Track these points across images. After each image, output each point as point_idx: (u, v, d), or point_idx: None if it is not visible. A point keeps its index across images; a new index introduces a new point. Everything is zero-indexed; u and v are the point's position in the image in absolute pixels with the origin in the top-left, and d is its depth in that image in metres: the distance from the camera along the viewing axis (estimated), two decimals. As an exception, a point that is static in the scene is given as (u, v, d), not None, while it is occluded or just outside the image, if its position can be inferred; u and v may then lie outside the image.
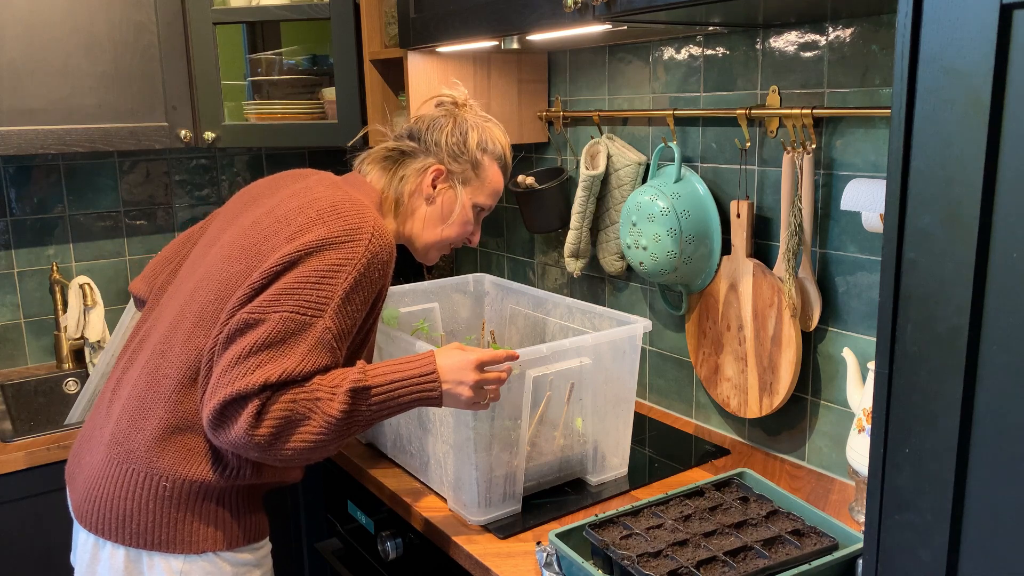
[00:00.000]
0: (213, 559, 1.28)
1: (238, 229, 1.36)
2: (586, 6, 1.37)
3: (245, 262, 1.27)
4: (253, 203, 1.43)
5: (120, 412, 1.30)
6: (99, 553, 1.29)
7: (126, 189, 2.42)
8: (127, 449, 1.26)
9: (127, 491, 1.25)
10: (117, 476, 1.26)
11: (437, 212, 1.45)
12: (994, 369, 0.64)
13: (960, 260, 0.65)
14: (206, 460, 1.26)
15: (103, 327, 2.24)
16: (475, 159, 1.45)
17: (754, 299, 1.61)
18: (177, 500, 1.25)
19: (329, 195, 1.31)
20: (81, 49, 2.01)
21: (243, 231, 1.33)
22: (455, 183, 1.45)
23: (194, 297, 1.31)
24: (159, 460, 1.25)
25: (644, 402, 2.01)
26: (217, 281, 1.29)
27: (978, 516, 0.67)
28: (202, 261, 1.39)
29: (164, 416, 1.25)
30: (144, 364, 1.31)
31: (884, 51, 1.39)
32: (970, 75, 0.63)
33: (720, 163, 1.71)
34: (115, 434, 1.28)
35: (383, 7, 2.10)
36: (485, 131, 1.47)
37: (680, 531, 1.27)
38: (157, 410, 1.26)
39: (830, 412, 1.58)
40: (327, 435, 1.17)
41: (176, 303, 1.35)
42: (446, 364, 1.26)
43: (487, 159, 1.47)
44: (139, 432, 1.26)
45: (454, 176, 1.45)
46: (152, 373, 1.29)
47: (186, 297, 1.33)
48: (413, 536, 1.57)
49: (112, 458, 1.27)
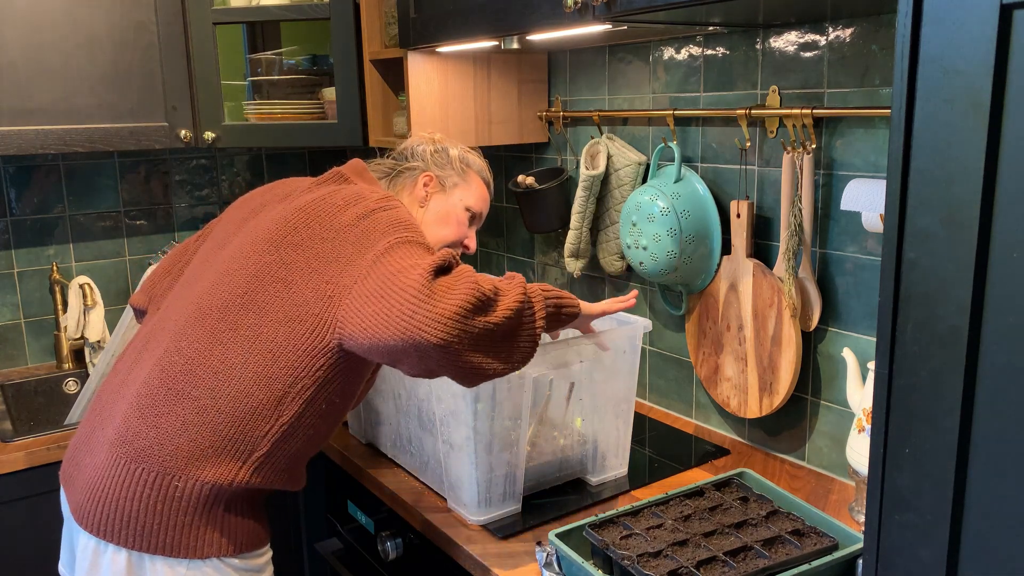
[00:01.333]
0: (218, 565, 1.27)
1: (260, 228, 1.36)
2: (586, 6, 1.37)
3: (280, 252, 1.29)
4: (264, 208, 1.45)
5: (128, 412, 1.28)
6: (100, 559, 1.27)
7: (126, 189, 2.43)
8: (136, 448, 1.24)
9: (134, 491, 1.24)
10: (124, 476, 1.24)
11: (432, 215, 1.58)
12: (994, 369, 0.64)
13: (960, 260, 0.65)
14: (220, 461, 1.24)
15: (103, 327, 2.24)
16: (459, 168, 1.62)
17: (754, 299, 1.61)
18: (186, 502, 1.24)
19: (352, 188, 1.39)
20: (81, 49, 2.01)
21: (268, 228, 1.34)
22: (444, 187, 1.59)
23: (214, 293, 1.31)
24: (171, 459, 1.23)
25: (644, 402, 2.01)
26: (244, 276, 1.30)
27: (978, 516, 0.67)
28: (213, 261, 1.39)
29: (182, 414, 1.24)
30: (156, 363, 1.30)
31: (884, 51, 1.39)
32: (970, 75, 0.63)
33: (720, 163, 1.71)
34: (122, 434, 1.26)
35: (383, 7, 2.10)
36: (464, 151, 1.65)
37: (680, 531, 1.27)
38: (176, 408, 1.24)
39: (830, 412, 1.58)
40: (523, 299, 1.20)
41: (186, 303, 1.35)
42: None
43: (470, 170, 1.63)
44: (152, 430, 1.24)
45: (443, 180, 1.59)
46: (166, 370, 1.27)
47: (201, 295, 1.32)
48: (413, 536, 1.57)
49: (118, 458, 1.25)
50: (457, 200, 1.59)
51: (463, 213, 1.60)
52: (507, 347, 1.20)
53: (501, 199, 2.37)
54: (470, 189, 1.61)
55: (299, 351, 1.24)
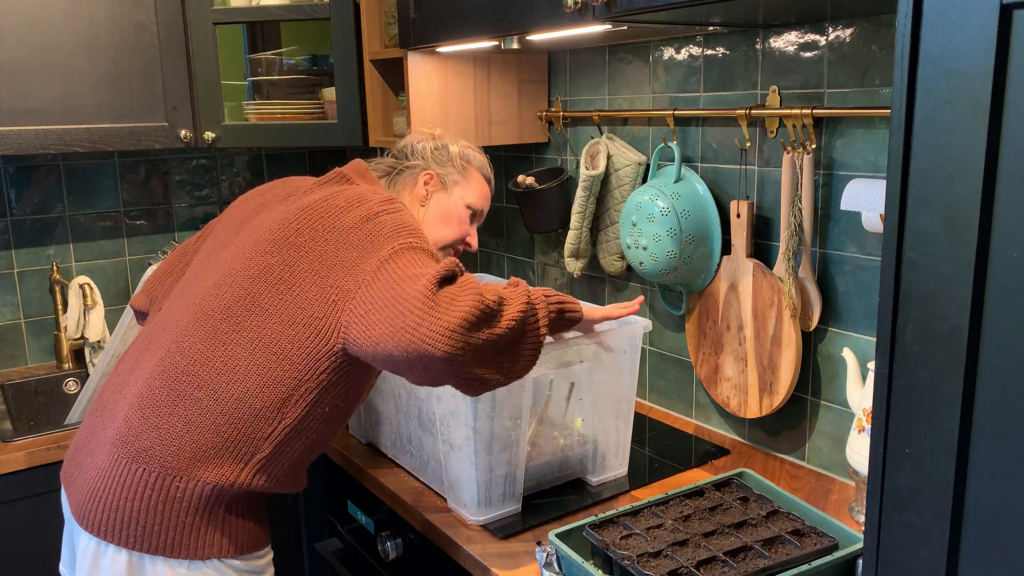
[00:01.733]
0: (219, 566, 1.27)
1: (262, 228, 1.36)
2: (586, 6, 1.37)
3: (283, 253, 1.29)
4: (265, 208, 1.44)
5: (129, 412, 1.28)
6: (100, 559, 1.27)
7: (126, 189, 2.43)
8: (138, 448, 1.24)
9: (135, 492, 1.23)
10: (125, 476, 1.24)
11: (433, 214, 1.57)
12: (994, 369, 0.64)
13: (960, 260, 0.65)
14: (222, 462, 1.24)
15: (103, 327, 2.24)
16: (459, 165, 1.60)
17: (754, 299, 1.61)
18: (187, 503, 1.23)
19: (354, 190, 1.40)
20: (81, 49, 2.01)
21: (271, 228, 1.34)
22: (445, 185, 1.58)
23: (216, 293, 1.30)
24: (173, 460, 1.23)
25: (644, 402, 2.01)
26: (246, 277, 1.30)
27: (978, 516, 0.67)
28: (214, 261, 1.38)
29: (184, 415, 1.24)
30: (158, 364, 1.29)
31: (884, 51, 1.39)
32: (970, 75, 0.63)
33: (720, 163, 1.71)
34: (123, 434, 1.26)
35: (383, 7, 2.10)
36: (464, 147, 1.63)
37: (680, 531, 1.27)
38: (176, 408, 1.24)
39: (830, 412, 1.58)
40: (526, 309, 1.20)
41: (188, 304, 1.34)
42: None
43: (470, 167, 1.62)
44: (154, 431, 1.24)
45: (444, 178, 1.58)
46: (168, 371, 1.27)
47: (203, 295, 1.32)
48: (413, 536, 1.57)
49: (119, 458, 1.25)
50: (458, 198, 1.58)
51: (464, 211, 1.59)
52: (511, 357, 1.21)
53: (501, 199, 2.37)
54: (471, 186, 1.60)
55: (303, 354, 1.24)
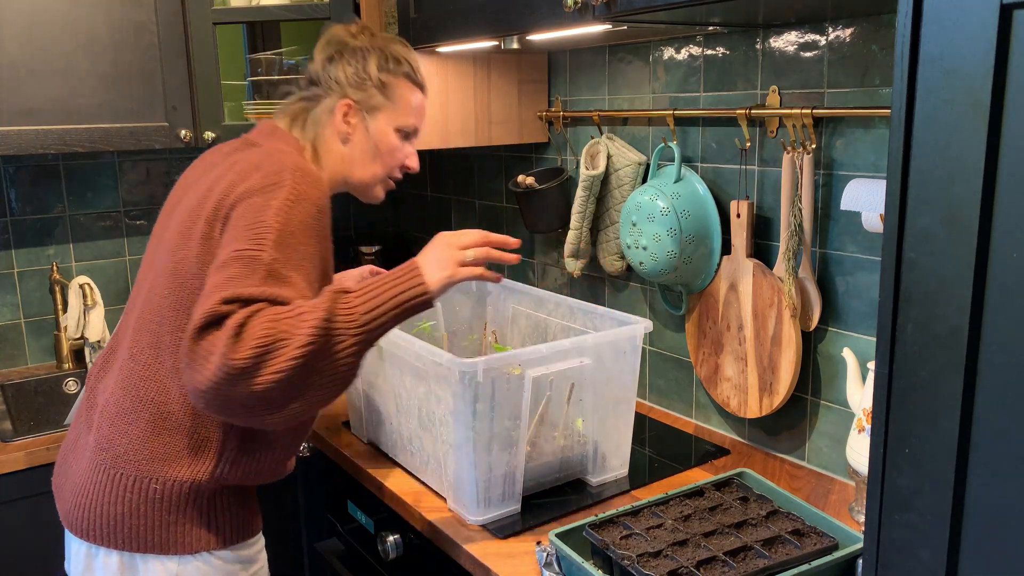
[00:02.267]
0: (208, 558, 1.28)
1: (176, 219, 1.30)
2: (586, 6, 1.37)
3: (189, 247, 1.23)
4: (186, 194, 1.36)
5: (99, 419, 1.29)
6: (92, 562, 1.28)
7: (126, 189, 2.42)
8: (114, 454, 1.26)
9: (117, 496, 1.25)
10: (105, 481, 1.26)
11: (360, 148, 1.40)
12: (994, 369, 0.64)
13: (960, 260, 0.65)
14: (194, 460, 1.25)
15: (103, 327, 2.24)
16: (380, 82, 1.39)
17: (754, 299, 1.61)
18: (168, 502, 1.25)
19: (249, 157, 1.27)
20: (81, 49, 2.00)
21: (180, 220, 1.28)
22: (366, 114, 1.40)
23: (150, 298, 1.29)
24: (147, 463, 1.24)
25: (644, 402, 2.01)
26: (166, 276, 1.26)
27: (978, 516, 0.67)
28: (151, 262, 1.35)
29: (147, 419, 1.25)
30: (119, 371, 1.30)
31: (884, 51, 1.39)
32: (970, 75, 0.63)
33: (720, 163, 1.71)
34: (99, 440, 1.28)
35: (383, 7, 2.10)
36: (385, 51, 1.40)
37: (680, 531, 1.27)
38: (141, 413, 1.25)
39: (830, 412, 1.58)
40: (311, 349, 1.03)
41: (134, 308, 1.34)
42: (425, 255, 1.21)
43: (393, 79, 1.40)
44: (123, 436, 1.25)
45: (363, 106, 1.39)
46: (128, 378, 1.28)
47: (144, 298, 1.31)
48: (413, 536, 1.57)
49: (99, 463, 1.27)
50: (384, 125, 1.40)
51: (394, 136, 1.41)
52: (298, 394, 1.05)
53: (501, 199, 2.37)
54: (398, 107, 1.40)
55: None
